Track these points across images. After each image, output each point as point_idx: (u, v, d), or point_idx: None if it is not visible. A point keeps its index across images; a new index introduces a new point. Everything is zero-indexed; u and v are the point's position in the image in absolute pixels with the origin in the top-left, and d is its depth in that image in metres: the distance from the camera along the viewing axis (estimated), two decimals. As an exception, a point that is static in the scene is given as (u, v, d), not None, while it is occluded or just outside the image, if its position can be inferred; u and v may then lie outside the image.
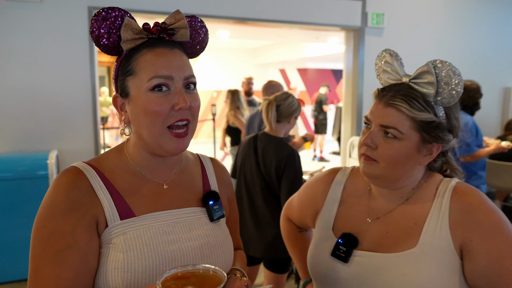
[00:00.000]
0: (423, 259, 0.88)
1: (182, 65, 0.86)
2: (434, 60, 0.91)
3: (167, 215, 0.89)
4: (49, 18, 3.44)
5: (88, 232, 0.81)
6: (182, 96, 0.83)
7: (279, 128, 2.30)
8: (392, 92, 0.91)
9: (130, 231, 0.83)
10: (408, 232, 0.92)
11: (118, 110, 0.90)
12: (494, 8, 5.50)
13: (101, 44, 0.85)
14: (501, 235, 0.86)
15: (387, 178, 0.94)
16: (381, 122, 0.91)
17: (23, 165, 3.18)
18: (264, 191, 2.24)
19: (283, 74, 12.82)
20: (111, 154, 0.93)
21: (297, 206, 1.21)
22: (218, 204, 0.97)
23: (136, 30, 0.84)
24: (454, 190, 0.93)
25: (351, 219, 1.02)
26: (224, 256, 0.93)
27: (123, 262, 0.80)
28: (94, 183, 0.85)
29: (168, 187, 0.93)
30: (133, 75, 0.85)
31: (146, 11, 3.63)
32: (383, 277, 0.90)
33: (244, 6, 4.06)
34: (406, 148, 0.91)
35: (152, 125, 0.84)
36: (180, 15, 0.89)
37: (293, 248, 1.27)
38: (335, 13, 4.46)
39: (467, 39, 5.37)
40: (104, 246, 0.83)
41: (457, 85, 0.88)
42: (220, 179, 1.05)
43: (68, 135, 3.59)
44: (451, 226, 0.89)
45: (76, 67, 3.56)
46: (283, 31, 7.42)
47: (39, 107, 3.49)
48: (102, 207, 0.84)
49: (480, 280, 0.87)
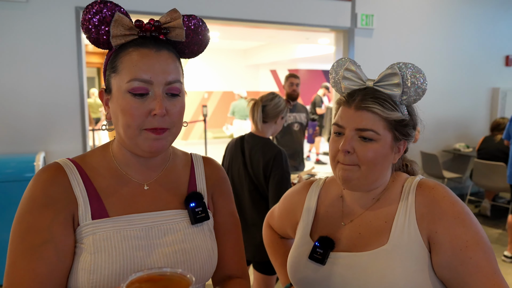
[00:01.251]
0: (395, 255, 0.90)
1: (165, 69, 0.82)
2: (397, 62, 0.94)
3: (143, 217, 0.86)
4: (35, 18, 3.40)
5: (65, 229, 0.80)
6: (160, 103, 0.80)
7: (265, 128, 2.29)
8: (361, 96, 0.93)
9: (100, 232, 0.81)
10: (379, 231, 0.96)
11: (104, 105, 0.88)
12: (482, 9, 5.56)
13: (91, 38, 0.83)
14: (464, 225, 0.89)
15: (366, 180, 0.96)
16: (357, 126, 0.92)
17: (10, 167, 3.14)
18: (252, 193, 2.23)
19: (274, 75, 12.84)
20: (96, 151, 0.92)
21: (278, 217, 1.25)
22: (202, 206, 0.92)
23: (127, 26, 0.82)
24: (419, 185, 0.97)
25: (326, 225, 1.05)
26: (201, 261, 0.88)
27: (90, 264, 0.78)
28: (73, 179, 0.83)
29: (149, 188, 0.90)
30: (116, 73, 0.82)
31: (134, 12, 3.60)
32: (358, 275, 0.93)
33: (234, 6, 4.05)
34: (382, 148, 0.93)
35: (128, 126, 0.82)
36: (177, 14, 0.86)
37: (274, 254, 1.30)
38: (324, 14, 4.48)
39: (456, 40, 5.42)
40: (76, 246, 0.81)
41: (422, 84, 0.92)
42: (210, 179, 0.99)
43: (56, 137, 3.55)
44: (418, 220, 0.92)
45: (63, 68, 3.52)
46: (273, 32, 7.43)
47: (26, 109, 3.44)
48: (77, 204, 0.82)
49: (445, 270, 0.89)
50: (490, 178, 4.60)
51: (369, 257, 0.93)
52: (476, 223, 0.91)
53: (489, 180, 4.62)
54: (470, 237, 0.88)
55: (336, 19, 4.55)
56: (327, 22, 4.51)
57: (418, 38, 5.13)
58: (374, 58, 4.78)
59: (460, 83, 5.51)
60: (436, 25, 5.26)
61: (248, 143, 2.28)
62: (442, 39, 5.31)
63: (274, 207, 1.30)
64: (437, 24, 5.27)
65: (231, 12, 4.05)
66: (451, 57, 5.42)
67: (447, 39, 5.35)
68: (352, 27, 4.64)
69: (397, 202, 0.97)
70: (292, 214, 1.16)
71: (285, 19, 4.30)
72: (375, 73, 1.11)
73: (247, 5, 4.11)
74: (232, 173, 2.31)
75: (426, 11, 5.17)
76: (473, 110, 5.72)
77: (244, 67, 12.52)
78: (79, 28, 3.53)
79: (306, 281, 1.01)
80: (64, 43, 3.51)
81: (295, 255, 1.06)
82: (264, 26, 4.39)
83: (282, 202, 1.24)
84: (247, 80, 12.69)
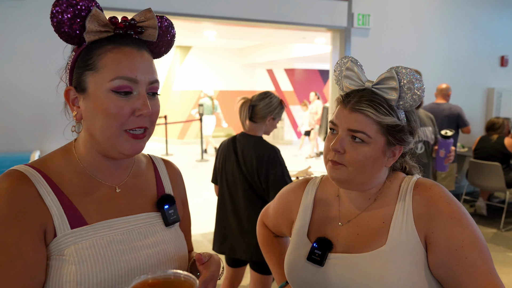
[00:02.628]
0: (393, 256, 0.91)
1: (148, 69, 0.81)
2: (396, 66, 0.93)
3: (121, 222, 0.84)
4: (30, 16, 3.38)
5: (35, 243, 0.75)
6: (146, 103, 0.79)
7: (254, 128, 2.24)
8: (357, 98, 0.93)
9: (82, 240, 0.78)
10: (377, 232, 0.96)
11: (70, 104, 0.84)
12: (477, 9, 5.59)
13: (61, 32, 0.79)
14: (460, 225, 0.89)
15: (355, 181, 0.97)
16: (349, 127, 0.93)
17: (4, 166, 3.09)
18: (247, 192, 2.21)
19: (271, 74, 12.84)
20: (57, 155, 0.86)
21: (273, 215, 1.25)
22: (174, 208, 0.93)
23: (102, 22, 0.79)
24: (416, 185, 0.97)
25: (324, 225, 1.05)
26: (180, 261, 0.91)
27: (75, 275, 0.75)
28: (41, 188, 0.78)
29: (121, 191, 0.88)
30: (94, 71, 0.79)
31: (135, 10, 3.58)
32: (357, 276, 0.93)
33: (231, 5, 4.04)
34: (373, 152, 0.93)
35: (107, 127, 0.79)
36: (151, 13, 0.84)
37: (269, 253, 1.30)
38: (321, 13, 4.48)
39: (451, 40, 5.44)
40: (53, 258, 0.77)
41: (418, 90, 0.91)
42: (173, 181, 1.01)
43: (50, 135, 3.53)
44: (415, 220, 0.93)
45: (58, 65, 3.49)
46: (270, 31, 7.42)
47: (20, 107, 3.42)
48: (50, 215, 0.77)
49: (441, 270, 0.90)
50: (485, 177, 4.62)
51: (368, 258, 0.93)
52: (472, 223, 0.92)
53: (484, 180, 4.64)
54: (466, 237, 0.88)
55: (333, 19, 4.55)
56: (324, 21, 4.51)
57: (414, 38, 5.15)
58: (371, 58, 4.78)
59: (456, 83, 5.53)
60: (432, 25, 5.28)
61: (240, 143, 2.25)
62: (438, 39, 5.33)
63: (269, 205, 1.30)
64: (433, 24, 5.28)
65: (227, 11, 4.04)
66: (447, 57, 5.44)
67: (443, 39, 5.37)
68: (348, 26, 4.64)
69: (395, 202, 0.98)
70: (288, 212, 1.16)
71: (282, 18, 4.30)
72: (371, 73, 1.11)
73: (243, 4, 4.10)
74: (226, 173, 2.29)
75: (422, 11, 5.19)
76: (469, 110, 5.73)
77: (240, 66, 12.50)
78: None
79: (305, 282, 1.01)
80: (60, 42, 3.47)
81: (293, 256, 1.06)
82: (260, 25, 4.38)
83: (277, 201, 1.23)
84: (243, 79, 12.68)
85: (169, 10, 3.77)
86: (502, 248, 4.01)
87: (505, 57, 5.89)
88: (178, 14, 3.80)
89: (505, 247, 4.04)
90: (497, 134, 4.74)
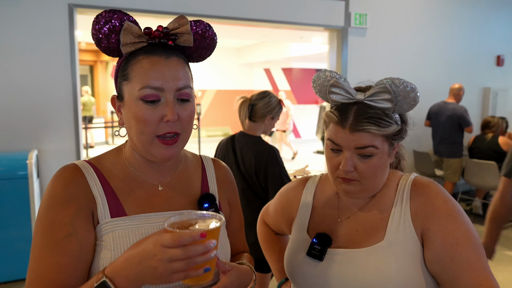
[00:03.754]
0: (391, 251, 0.93)
1: (176, 76, 0.84)
2: (384, 78, 0.92)
3: (158, 216, 0.88)
4: (28, 15, 3.37)
5: (86, 224, 0.83)
6: (172, 109, 0.83)
7: (253, 127, 2.25)
8: (353, 117, 0.92)
9: (119, 229, 0.84)
10: (375, 228, 0.98)
11: (116, 111, 0.91)
12: (474, 9, 5.61)
13: (102, 47, 0.85)
14: (455, 222, 0.92)
15: (369, 189, 0.99)
16: (357, 145, 0.92)
17: (2, 165, 3.11)
18: (245, 191, 2.22)
19: (268, 73, 12.85)
20: (110, 153, 0.95)
21: (273, 213, 1.26)
22: (214, 207, 0.95)
23: (136, 34, 0.84)
24: (413, 183, 1.00)
25: (323, 221, 1.07)
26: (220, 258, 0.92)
27: (110, 261, 0.80)
28: (90, 180, 0.87)
29: (163, 189, 0.93)
30: (128, 81, 0.85)
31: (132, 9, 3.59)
32: (355, 270, 0.95)
33: (228, 5, 4.05)
34: (381, 159, 0.95)
35: (141, 133, 0.84)
36: (185, 20, 0.87)
37: (269, 250, 1.31)
38: (318, 13, 4.49)
39: (448, 40, 5.47)
40: (96, 243, 0.84)
41: (414, 97, 0.92)
42: (221, 181, 1.04)
43: (48, 135, 3.53)
44: (412, 217, 0.95)
45: (56, 65, 3.49)
46: (267, 31, 7.43)
47: (18, 106, 3.41)
48: (95, 203, 0.85)
49: (436, 266, 0.92)
50: (481, 176, 4.65)
51: (366, 253, 0.95)
52: (468, 221, 0.94)
53: (480, 179, 4.67)
54: (461, 234, 0.90)
55: (330, 18, 4.57)
56: (321, 21, 4.52)
57: (411, 37, 5.17)
58: (368, 57, 4.80)
59: (452, 83, 5.55)
60: (429, 25, 5.30)
61: (239, 142, 2.26)
62: (434, 39, 5.36)
63: (269, 204, 1.31)
64: (430, 24, 5.31)
65: (225, 11, 4.05)
66: (443, 56, 5.47)
67: (439, 39, 5.40)
68: (345, 26, 4.66)
69: (393, 199, 1.00)
70: (288, 210, 1.18)
71: (279, 17, 4.31)
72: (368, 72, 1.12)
73: (241, 4, 4.11)
74: None
75: (419, 11, 5.21)
76: (465, 109, 5.77)
77: (238, 65, 12.50)
78: (72, 25, 3.51)
79: (304, 277, 1.03)
80: (57, 40, 3.48)
81: (293, 251, 1.07)
82: (258, 25, 4.39)
83: (277, 199, 1.25)
84: (241, 78, 12.69)
85: (165, 9, 3.78)
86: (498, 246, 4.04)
87: (501, 57, 5.92)
88: (175, 13, 3.80)
89: (501, 245, 4.06)
90: (491, 133, 4.77)
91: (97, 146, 10.61)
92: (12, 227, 3.06)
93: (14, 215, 3.07)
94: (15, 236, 3.07)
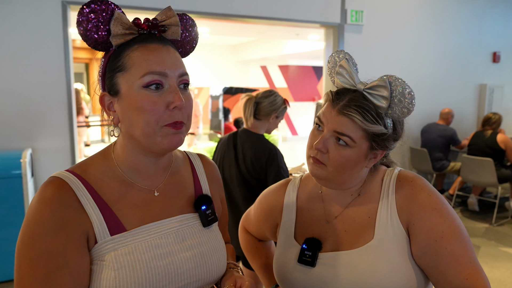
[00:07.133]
0: (382, 249, 0.92)
1: (176, 62, 0.82)
2: (389, 75, 0.91)
3: (159, 225, 0.86)
4: (21, 12, 3.33)
5: (78, 250, 0.77)
6: (178, 94, 0.79)
7: (257, 125, 2.25)
8: (346, 100, 0.92)
9: (121, 247, 0.79)
10: (363, 227, 0.97)
11: (106, 110, 0.84)
12: (469, 6, 5.61)
13: (89, 38, 0.80)
14: (440, 216, 0.91)
15: (334, 180, 0.97)
16: (335, 129, 0.92)
17: (-5, 164, 3.08)
18: (242, 188, 2.22)
19: (265, 70, 12.82)
20: (96, 160, 0.87)
21: (255, 221, 1.23)
22: (211, 208, 0.94)
23: (126, 25, 0.80)
24: (398, 178, 0.99)
25: (310, 224, 1.05)
26: (218, 263, 0.91)
27: (114, 281, 0.76)
28: (81, 196, 0.79)
29: (159, 194, 0.89)
30: (124, 71, 0.80)
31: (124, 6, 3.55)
32: (349, 272, 0.93)
33: (224, 2, 4.02)
34: (355, 155, 0.93)
35: (146, 124, 0.79)
36: (172, 12, 0.85)
37: (254, 258, 1.27)
38: (314, 9, 4.47)
39: (444, 36, 5.47)
40: (95, 263, 0.79)
41: (409, 104, 0.90)
42: (210, 177, 1.02)
43: (43, 133, 3.50)
44: (399, 212, 0.95)
45: (50, 63, 3.46)
46: (263, 28, 7.40)
47: (11, 105, 3.38)
48: (91, 222, 0.79)
49: (422, 260, 0.92)
50: (477, 173, 4.65)
51: (358, 254, 0.94)
52: (453, 213, 0.93)
53: (477, 176, 4.68)
54: (446, 228, 0.90)
55: (326, 15, 4.55)
56: (317, 18, 4.51)
57: (407, 34, 5.16)
58: (364, 54, 4.79)
59: (448, 79, 5.56)
60: (425, 22, 5.29)
61: (241, 138, 2.25)
62: (430, 36, 5.35)
63: (249, 210, 1.27)
64: (426, 20, 5.30)
65: (220, 8, 4.02)
66: (440, 53, 5.47)
67: (435, 36, 5.39)
68: (342, 23, 4.64)
69: (378, 196, 0.99)
70: (271, 216, 1.14)
71: (275, 14, 4.28)
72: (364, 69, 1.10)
73: (236, 1, 4.08)
74: (223, 168, 2.30)
75: (415, 8, 5.20)
76: (461, 106, 5.78)
77: (234, 63, 12.47)
78: (66, 23, 3.48)
79: (297, 284, 1.00)
80: (50, 38, 3.45)
81: (282, 259, 1.05)
82: (253, 22, 4.37)
83: (258, 205, 1.21)
84: (237, 76, 12.66)
85: (160, 6, 3.74)
86: (494, 242, 4.05)
87: (497, 53, 5.93)
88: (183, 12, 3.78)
89: (497, 242, 4.08)
90: (491, 130, 4.77)
91: (93, 144, 10.57)
92: (5, 227, 3.03)
93: (8, 214, 3.04)
94: (9, 235, 3.03)
